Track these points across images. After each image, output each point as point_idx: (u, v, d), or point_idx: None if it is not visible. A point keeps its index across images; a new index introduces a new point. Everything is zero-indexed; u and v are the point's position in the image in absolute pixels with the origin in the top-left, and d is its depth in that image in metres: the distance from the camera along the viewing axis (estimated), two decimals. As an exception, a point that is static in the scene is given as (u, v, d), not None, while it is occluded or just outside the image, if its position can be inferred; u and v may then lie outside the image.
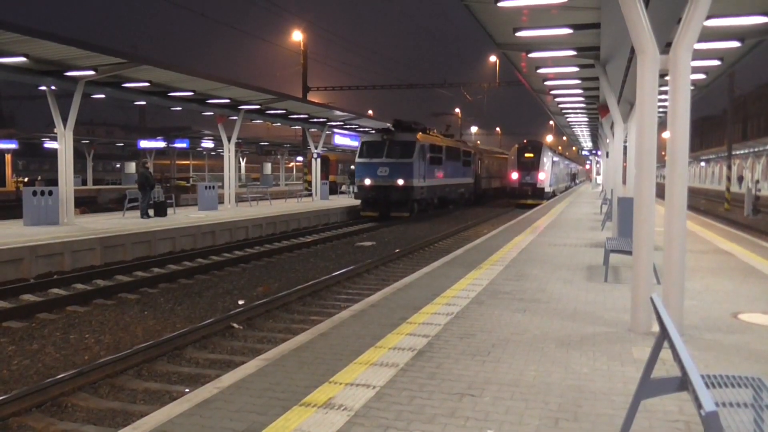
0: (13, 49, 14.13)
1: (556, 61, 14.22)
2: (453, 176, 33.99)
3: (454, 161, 34.31)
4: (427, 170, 28.76)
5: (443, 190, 32.17)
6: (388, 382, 4.81)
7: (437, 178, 30.73)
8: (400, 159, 27.23)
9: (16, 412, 5.74)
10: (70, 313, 9.83)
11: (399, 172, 27.03)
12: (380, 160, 27.45)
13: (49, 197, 17.11)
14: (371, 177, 27.35)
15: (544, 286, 8.82)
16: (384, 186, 27.04)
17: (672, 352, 2.95)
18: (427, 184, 28.76)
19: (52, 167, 25.57)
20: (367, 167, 27.74)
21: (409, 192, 26.93)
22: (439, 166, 30.90)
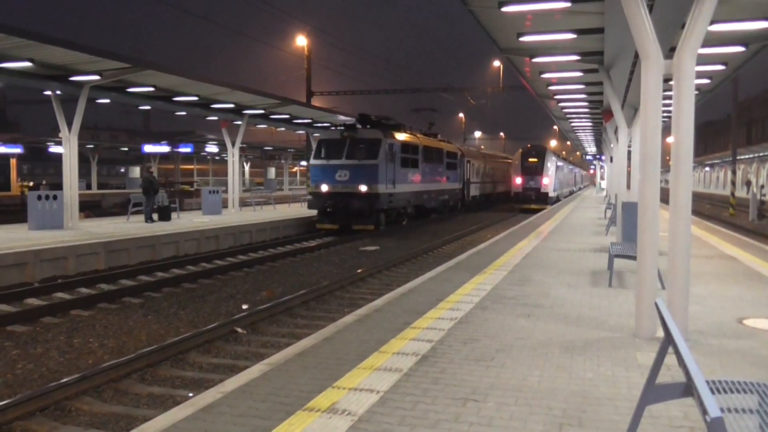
0: (19, 54, 14.21)
1: (560, 66, 14.24)
2: (433, 181, 29.76)
3: (435, 163, 30.01)
4: (397, 174, 24.15)
5: (420, 197, 27.66)
6: (392, 387, 4.80)
7: (411, 183, 26.19)
8: (363, 160, 22.53)
9: (20, 416, 5.74)
10: (74, 317, 9.84)
11: (361, 176, 22.36)
12: (339, 161, 22.73)
13: (54, 201, 17.16)
14: (328, 182, 22.71)
15: (548, 291, 8.80)
16: (343, 193, 22.36)
17: (677, 357, 2.93)
18: (397, 190, 24.18)
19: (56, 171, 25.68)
20: (323, 170, 23.03)
21: (374, 200, 22.30)
22: (414, 169, 26.46)
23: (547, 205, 37.06)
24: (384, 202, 22.89)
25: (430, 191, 29.30)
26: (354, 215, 22.34)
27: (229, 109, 23.37)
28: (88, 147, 46.07)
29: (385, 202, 22.94)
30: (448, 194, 32.85)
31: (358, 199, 22.20)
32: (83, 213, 22.60)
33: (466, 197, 36.98)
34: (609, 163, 31.17)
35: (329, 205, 22.33)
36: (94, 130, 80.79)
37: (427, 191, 28.64)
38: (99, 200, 39.17)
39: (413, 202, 26.68)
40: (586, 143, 47.93)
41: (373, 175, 22.37)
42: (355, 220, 22.37)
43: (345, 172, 22.57)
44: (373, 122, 24.63)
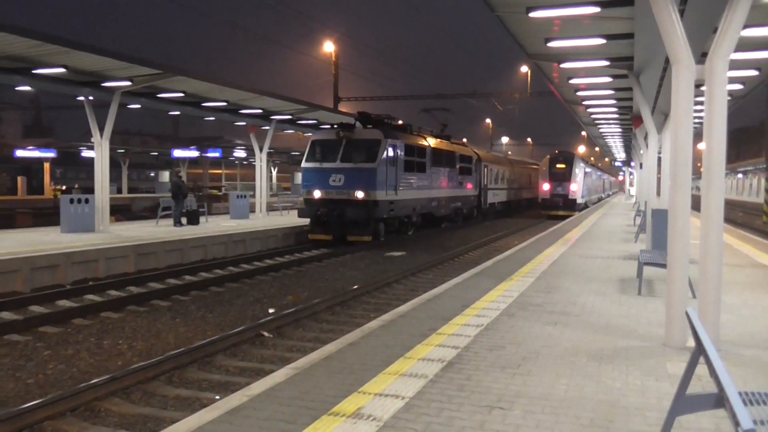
0: (53, 61, 14.52)
1: (588, 72, 14.11)
2: (444, 187, 26.94)
3: (446, 168, 27.24)
4: (400, 179, 21.58)
5: (428, 204, 25.01)
6: (417, 393, 4.79)
7: (417, 189, 23.53)
8: (359, 164, 20.12)
9: (51, 416, 5.84)
10: (104, 319, 9.99)
11: (358, 181, 19.97)
12: (333, 164, 20.37)
13: (86, 205, 17.47)
14: (321, 187, 20.42)
15: (576, 298, 8.71)
16: (337, 200, 20.01)
17: (708, 367, 2.88)
18: (400, 197, 21.57)
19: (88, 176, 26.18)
20: (316, 174, 20.70)
21: (372, 208, 19.78)
22: (421, 173, 23.88)
23: (575, 211, 36.70)
24: (383, 211, 20.40)
25: (440, 198, 26.55)
26: (349, 225, 19.88)
27: (257, 114, 23.57)
28: (119, 152, 46.79)
29: (384, 211, 20.49)
30: (462, 201, 30.11)
31: (354, 207, 19.74)
32: (114, 216, 22.95)
33: (483, 204, 34.24)
34: (638, 170, 30.79)
35: (322, 213, 19.92)
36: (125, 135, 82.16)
37: (436, 198, 25.94)
38: (129, 204, 39.74)
39: (420, 210, 24.10)
40: (615, 149, 47.40)
41: (371, 180, 19.92)
42: (350, 231, 19.96)
43: (339, 177, 20.24)
44: (374, 121, 22.14)
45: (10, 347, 8.33)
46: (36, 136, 73.47)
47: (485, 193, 34.49)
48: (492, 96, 46.55)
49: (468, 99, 45.66)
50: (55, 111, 74.52)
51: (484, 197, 34.37)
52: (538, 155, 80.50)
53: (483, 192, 33.99)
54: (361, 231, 19.94)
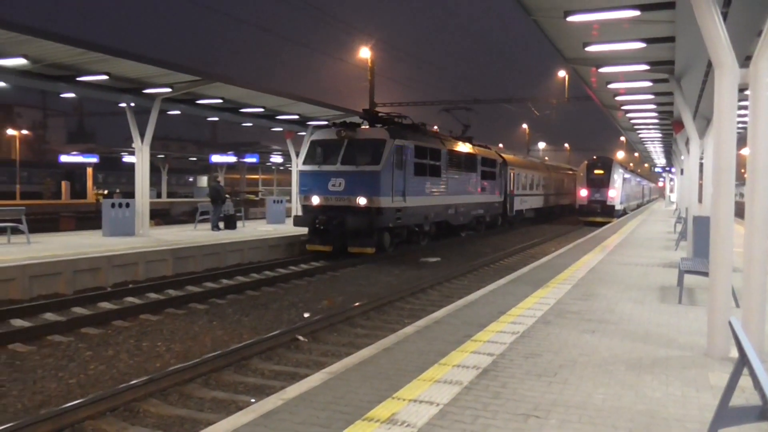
0: (96, 68, 14.90)
1: (627, 76, 13.91)
2: (462, 192, 24.50)
3: (465, 172, 24.84)
4: (410, 183, 19.35)
5: (443, 211, 22.61)
6: (452, 399, 4.76)
7: (430, 195, 21.19)
8: (361, 166, 18.00)
9: (92, 416, 5.96)
10: (143, 321, 10.17)
11: (359, 186, 17.90)
12: (333, 167, 18.30)
13: (126, 209, 17.84)
14: (320, 192, 18.42)
15: (614, 306, 8.57)
16: (337, 207, 18.03)
17: (752, 379, 2.80)
18: (409, 203, 19.30)
19: (129, 180, 26.74)
20: (314, 178, 18.68)
21: (375, 216, 17.68)
22: (435, 178, 21.48)
23: (614, 218, 36.13)
24: (389, 219, 18.25)
25: (458, 205, 24.08)
26: (350, 235, 17.92)
27: (294, 120, 23.79)
28: (159, 157, 47.68)
29: (390, 219, 18.32)
30: (484, 208, 27.62)
31: (355, 215, 17.61)
32: (153, 221, 23.38)
33: (509, 212, 31.77)
34: (679, 176, 30.18)
35: (320, 221, 17.88)
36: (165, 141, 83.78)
37: (453, 205, 23.53)
38: (168, 208, 40.45)
39: (433, 218, 21.76)
40: (655, 155, 46.56)
41: (374, 185, 17.79)
42: (351, 241, 18.02)
43: (339, 181, 18.14)
44: (381, 119, 20.20)
45: (53, 348, 8.54)
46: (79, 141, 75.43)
47: (511, 199, 32.09)
48: (529, 101, 46.11)
49: (504, 104, 45.36)
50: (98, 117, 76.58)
51: (510, 204, 32.02)
52: (576, 161, 79.53)
53: (509, 198, 31.64)
54: (364, 241, 17.94)
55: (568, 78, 45.31)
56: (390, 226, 18.55)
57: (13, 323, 9.77)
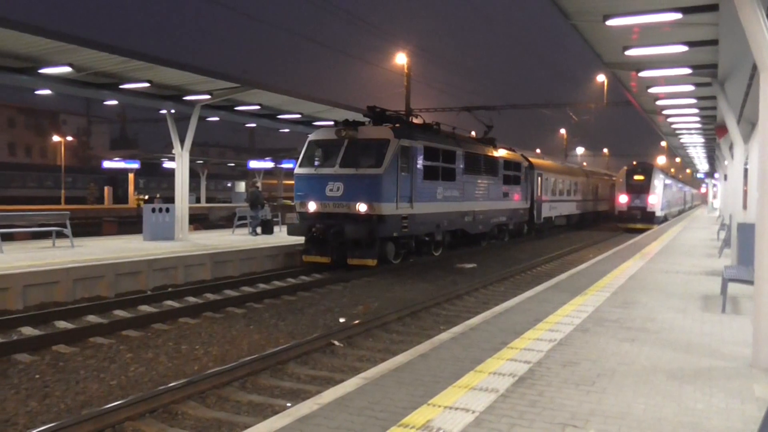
0: (139, 76, 15.25)
1: (669, 80, 13.64)
2: (481, 198, 22.49)
3: (485, 176, 22.89)
4: (418, 188, 17.66)
5: (459, 219, 20.67)
6: (488, 407, 4.72)
7: (443, 201, 19.35)
8: (361, 169, 16.35)
9: (131, 417, 6.07)
10: (181, 325, 10.33)
11: (359, 191, 16.26)
12: (331, 170, 16.67)
13: (166, 214, 18.17)
14: (317, 198, 16.78)
15: (655, 315, 8.40)
16: (335, 214, 16.48)
17: (801, 391, 2.72)
18: (417, 210, 17.63)
19: (169, 186, 27.20)
20: (310, 182, 17.05)
21: (377, 224, 16.04)
22: (448, 182, 19.65)
23: (654, 224, 35.46)
24: (393, 227, 16.60)
25: (476, 212, 22.08)
26: (349, 245, 16.33)
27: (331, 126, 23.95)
28: (198, 163, 48.46)
29: (394, 227, 16.66)
30: (507, 215, 25.62)
31: (355, 223, 15.99)
32: (192, 225, 23.77)
33: (536, 219, 29.69)
34: (722, 181, 29.47)
35: (317, 230, 16.25)
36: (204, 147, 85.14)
37: (470, 212, 21.58)
38: (206, 213, 41.06)
39: (447, 226, 19.91)
40: (697, 160, 45.56)
41: (376, 190, 16.08)
42: (351, 252, 16.38)
43: (338, 186, 16.45)
44: (386, 117, 18.43)
45: (95, 349, 8.73)
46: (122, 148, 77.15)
47: (539, 205, 29.94)
48: (567, 106, 45.66)
49: (542, 109, 44.97)
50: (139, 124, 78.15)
51: (538, 210, 29.84)
52: (615, 166, 78.32)
53: (536, 204, 29.48)
54: (364, 252, 16.24)
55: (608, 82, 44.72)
56: (395, 235, 16.84)
57: (57, 325, 10.03)
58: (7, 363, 7.98)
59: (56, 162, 66.02)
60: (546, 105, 44.38)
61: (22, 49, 12.77)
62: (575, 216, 38.27)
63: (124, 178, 52.59)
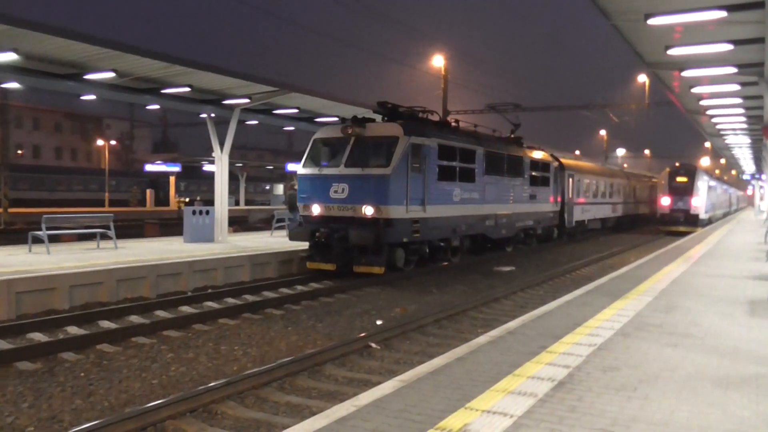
0: (180, 81, 15.53)
1: (713, 79, 13.36)
2: (505, 200, 21.05)
3: (510, 177, 21.35)
4: (431, 189, 16.35)
5: (478, 223, 19.21)
6: (526, 412, 4.67)
7: (460, 204, 17.92)
8: (367, 169, 15.21)
9: (172, 416, 6.17)
10: (221, 325, 10.47)
11: (365, 193, 15.09)
12: (336, 170, 15.58)
13: (206, 216, 18.45)
14: (321, 200, 15.71)
15: (699, 320, 8.20)
16: (340, 217, 15.40)
17: None
18: (429, 214, 16.23)
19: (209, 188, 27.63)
20: (315, 183, 15.94)
21: (384, 228, 14.79)
22: (466, 183, 18.27)
23: (698, 227, 34.65)
24: (403, 232, 15.33)
25: (498, 215, 20.50)
26: (355, 251, 15.31)
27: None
28: (237, 165, 49.10)
29: (404, 232, 15.38)
30: (534, 219, 23.97)
31: (360, 228, 14.84)
32: (232, 227, 24.08)
33: (567, 223, 28.03)
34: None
35: (321, 234, 15.20)
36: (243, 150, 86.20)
37: (492, 215, 20.02)
38: (246, 216, 41.55)
39: (465, 230, 18.49)
40: (743, 161, 44.45)
41: (383, 191, 14.88)
42: (357, 259, 15.33)
43: (342, 187, 15.33)
44: (397, 113, 16.97)
45: (137, 349, 8.90)
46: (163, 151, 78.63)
47: (570, 208, 28.32)
48: (607, 107, 44.90)
49: (582, 111, 44.34)
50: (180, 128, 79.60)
51: (569, 213, 28.19)
52: (657, 168, 76.88)
53: (567, 207, 27.89)
54: (371, 259, 15.13)
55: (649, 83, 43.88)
56: (405, 240, 15.56)
57: (101, 324, 10.27)
58: (53, 361, 8.20)
59: (100, 165, 67.68)
60: (585, 106, 43.67)
61: (69, 56, 13.15)
62: (611, 219, 36.69)
63: (166, 181, 53.63)
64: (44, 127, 74.56)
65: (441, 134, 17.17)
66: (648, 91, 44.48)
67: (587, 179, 31.06)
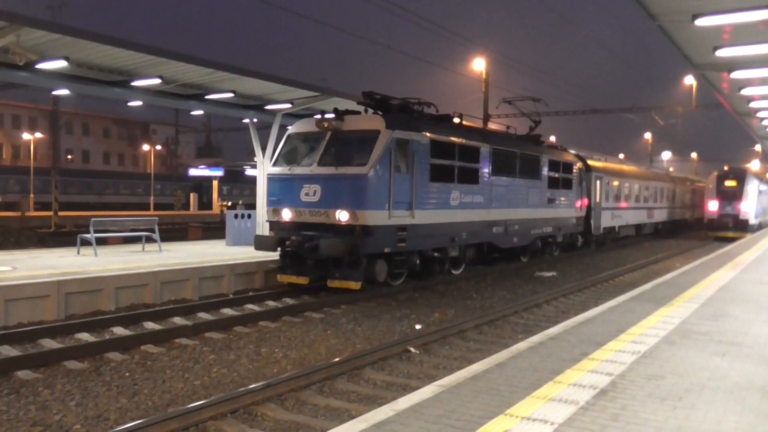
0: (224, 87, 15.81)
1: (764, 81, 12.98)
2: (517, 205, 18.63)
3: (523, 178, 18.94)
4: (421, 191, 14.07)
5: (483, 231, 16.89)
6: (567, 419, 4.59)
7: (458, 209, 15.58)
8: (342, 167, 13.02)
9: (214, 416, 6.26)
10: (261, 328, 10.58)
11: (339, 195, 12.99)
12: (308, 170, 13.48)
13: (248, 220, 18.71)
14: (292, 204, 13.63)
15: (748, 328, 7.95)
16: (313, 224, 13.31)
17: None
18: (419, 220, 13.99)
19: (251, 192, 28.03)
20: (285, 184, 13.89)
21: (360, 237, 12.62)
22: (466, 185, 15.91)
23: (747, 233, 33.67)
24: (384, 241, 13.17)
25: (509, 221, 18.14)
26: (330, 263, 13.18)
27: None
28: (279, 170, 49.49)
29: (386, 241, 13.22)
30: (554, 225, 21.46)
31: (334, 236, 12.77)
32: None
33: (594, 229, 25.67)
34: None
35: (292, 243, 13.24)
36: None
37: (500, 221, 17.65)
38: (287, 219, 41.81)
39: (466, 239, 16.13)
40: (796, 165, 42.98)
41: (359, 194, 12.76)
42: (332, 272, 13.19)
43: (314, 189, 13.23)
44: (387, 106, 14.68)
45: (180, 350, 9.06)
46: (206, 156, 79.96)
47: (597, 213, 25.86)
48: (652, 110, 44.00)
49: (626, 114, 43.55)
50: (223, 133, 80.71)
51: (596, 219, 25.76)
52: (705, 171, 74.94)
53: (594, 213, 25.48)
54: (346, 273, 12.98)
55: (696, 85, 42.88)
56: (387, 251, 13.33)
57: (145, 326, 10.49)
58: (100, 361, 8.41)
59: (146, 170, 69.25)
60: (630, 109, 42.87)
61: (117, 63, 13.50)
62: (648, 225, 34.33)
63: (209, 185, 54.47)
64: (93, 133, 76.68)
65: (435, 129, 14.89)
66: (695, 93, 43.47)
67: (618, 182, 28.80)
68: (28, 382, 7.47)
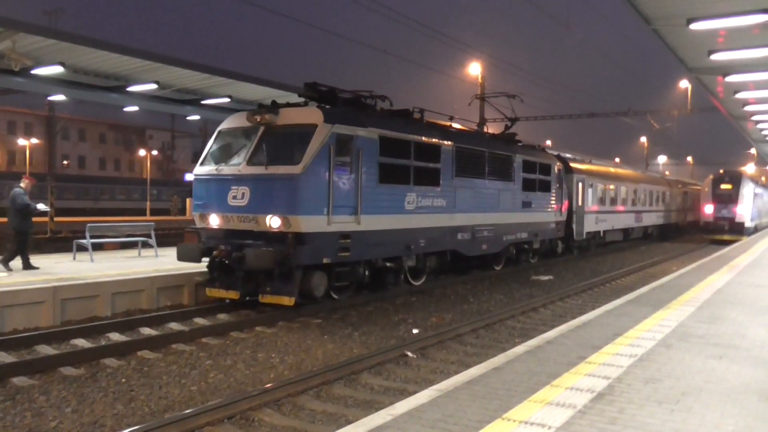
0: (220, 92, 15.83)
1: (759, 84, 13.05)
2: (486, 209, 16.94)
3: (493, 180, 17.22)
4: (368, 194, 12.46)
5: (445, 237, 15.22)
6: (564, 423, 4.59)
7: (414, 213, 13.91)
8: (274, 167, 11.43)
9: (210, 422, 6.24)
10: (258, 333, 10.56)
11: (271, 198, 11.41)
12: (236, 170, 11.89)
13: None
14: (219, 208, 12.04)
15: (745, 331, 7.97)
16: (242, 231, 11.78)
17: None
18: (365, 226, 12.40)
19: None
20: (211, 187, 12.29)
21: (294, 246, 11.07)
22: (424, 187, 14.25)
23: (743, 236, 33.76)
24: (321, 250, 11.59)
25: (477, 227, 16.49)
26: (261, 276, 11.67)
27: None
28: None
29: (324, 250, 11.65)
30: (530, 230, 19.71)
31: (265, 245, 11.31)
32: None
33: (576, 234, 24.21)
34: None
35: (220, 253, 11.72)
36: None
37: (466, 227, 16.02)
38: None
39: (425, 246, 14.44)
40: (791, 168, 43.15)
41: (291, 197, 11.23)
42: (262, 285, 11.68)
43: (242, 191, 11.67)
44: (330, 98, 12.97)
45: (176, 356, 9.04)
46: (203, 161, 79.85)
47: (580, 217, 24.44)
48: (648, 114, 44.14)
49: (622, 117, 43.67)
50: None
51: (578, 224, 24.32)
52: (700, 175, 75.20)
53: (576, 217, 24.02)
54: (278, 287, 11.46)
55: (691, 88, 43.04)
56: (327, 261, 11.74)
57: (142, 331, 10.45)
58: (96, 367, 8.37)
59: (142, 175, 69.19)
60: (626, 113, 42.97)
61: (113, 68, 13.51)
62: (636, 230, 33.07)
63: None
64: (89, 138, 76.64)
65: (386, 124, 13.26)
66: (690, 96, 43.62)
67: (603, 184, 27.42)
68: (24, 388, 7.44)
